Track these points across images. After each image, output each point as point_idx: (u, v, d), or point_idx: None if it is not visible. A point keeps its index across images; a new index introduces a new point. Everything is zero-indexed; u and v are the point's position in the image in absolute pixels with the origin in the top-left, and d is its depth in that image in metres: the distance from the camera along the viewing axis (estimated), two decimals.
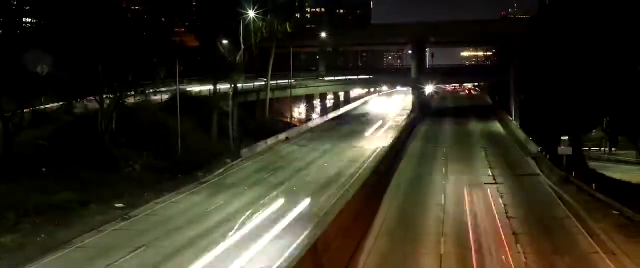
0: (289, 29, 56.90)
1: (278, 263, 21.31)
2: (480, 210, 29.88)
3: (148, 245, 23.74)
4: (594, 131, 58.08)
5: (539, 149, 47.65)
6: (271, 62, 61.27)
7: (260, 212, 28.80)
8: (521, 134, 58.32)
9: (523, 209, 30.03)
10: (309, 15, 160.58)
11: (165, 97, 47.11)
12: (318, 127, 67.30)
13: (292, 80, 70.50)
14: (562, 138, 40.97)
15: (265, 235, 24.96)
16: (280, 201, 30.89)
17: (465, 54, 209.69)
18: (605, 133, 56.77)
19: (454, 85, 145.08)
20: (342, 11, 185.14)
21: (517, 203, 31.37)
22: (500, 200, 31.82)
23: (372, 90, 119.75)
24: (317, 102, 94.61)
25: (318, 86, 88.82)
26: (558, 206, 30.97)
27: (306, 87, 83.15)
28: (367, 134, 62.16)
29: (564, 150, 40.05)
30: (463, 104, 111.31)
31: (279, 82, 68.80)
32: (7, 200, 26.80)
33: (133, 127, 40.27)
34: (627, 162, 54.17)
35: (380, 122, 72.22)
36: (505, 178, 38.57)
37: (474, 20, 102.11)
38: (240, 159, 43.36)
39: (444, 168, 41.69)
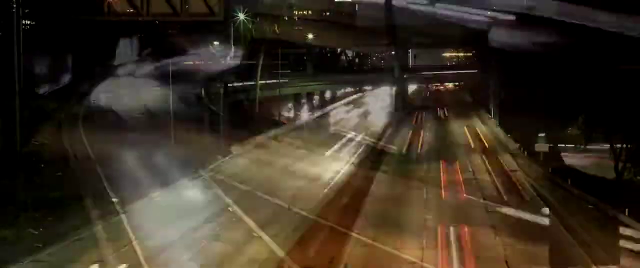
0: (276, 30, 57.80)
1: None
2: (460, 205, 31.17)
3: (142, 239, 24.14)
4: (569, 128, 59.49)
5: (517, 146, 49.12)
6: (260, 62, 62.24)
7: (252, 206, 29.97)
8: (500, 132, 59.58)
9: (501, 204, 31.09)
10: (296, 18, 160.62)
11: None
12: (305, 124, 68.24)
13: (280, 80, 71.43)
14: (539, 135, 42.47)
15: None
16: (266, 198, 31.81)
17: (447, 54, 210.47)
18: (581, 130, 58.20)
19: (435, 84, 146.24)
20: (328, 13, 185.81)
21: (496, 198, 32.52)
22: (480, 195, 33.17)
23: (357, 89, 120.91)
24: (304, 101, 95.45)
25: (305, 85, 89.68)
26: (535, 200, 32.07)
27: (294, 86, 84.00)
28: (352, 130, 63.15)
29: (541, 146, 41.63)
30: (444, 102, 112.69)
31: (268, 81, 69.63)
32: (7, 195, 27.61)
33: None
34: (602, 158, 55.26)
35: (364, 120, 73.16)
36: (484, 174, 39.79)
37: (454, 23, 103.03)
38: (230, 155, 44.23)
39: (426, 166, 42.79)
